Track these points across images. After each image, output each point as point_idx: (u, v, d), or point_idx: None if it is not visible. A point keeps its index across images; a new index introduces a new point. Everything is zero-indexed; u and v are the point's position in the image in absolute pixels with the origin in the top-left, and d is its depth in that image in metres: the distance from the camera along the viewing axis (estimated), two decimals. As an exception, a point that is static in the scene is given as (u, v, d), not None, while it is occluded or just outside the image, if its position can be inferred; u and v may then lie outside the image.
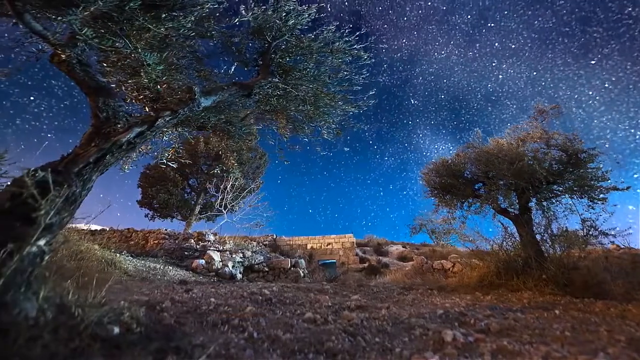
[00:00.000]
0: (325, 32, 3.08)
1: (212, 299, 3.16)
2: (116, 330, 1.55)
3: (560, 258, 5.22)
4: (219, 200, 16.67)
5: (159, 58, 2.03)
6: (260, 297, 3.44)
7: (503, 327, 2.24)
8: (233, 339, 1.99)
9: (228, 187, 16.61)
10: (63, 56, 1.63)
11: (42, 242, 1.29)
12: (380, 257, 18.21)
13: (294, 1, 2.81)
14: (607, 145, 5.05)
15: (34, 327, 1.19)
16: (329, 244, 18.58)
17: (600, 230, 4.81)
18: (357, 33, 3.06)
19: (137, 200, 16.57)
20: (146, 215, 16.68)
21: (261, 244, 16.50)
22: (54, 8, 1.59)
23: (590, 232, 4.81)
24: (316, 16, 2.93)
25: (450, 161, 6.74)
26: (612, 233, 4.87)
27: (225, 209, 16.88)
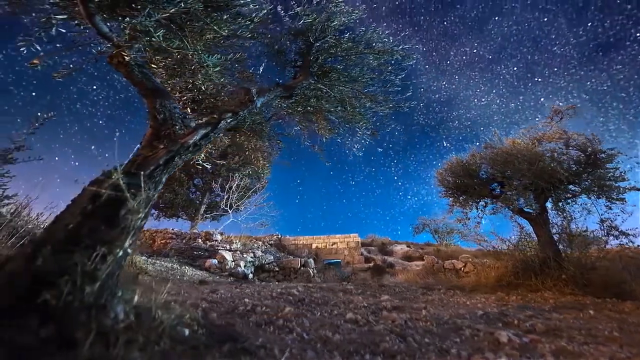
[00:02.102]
0: (369, 32, 3.08)
1: (246, 299, 3.16)
2: (187, 332, 1.56)
3: (578, 258, 5.25)
4: (224, 200, 16.67)
5: (219, 60, 2.03)
6: (291, 298, 3.45)
7: (549, 328, 2.25)
8: (286, 339, 2.00)
9: (233, 186, 16.62)
10: (126, 58, 1.63)
11: (126, 245, 1.29)
12: (385, 257, 18.24)
13: (341, 1, 2.81)
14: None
15: (127, 330, 1.20)
16: (334, 243, 18.61)
17: (621, 231, 4.84)
18: (401, 34, 3.08)
19: (142, 200, 16.49)
20: (151, 215, 16.64)
21: (266, 244, 16.53)
22: (121, 9, 1.59)
23: (611, 232, 4.83)
24: (360, 17, 2.93)
25: (465, 161, 6.76)
26: (632, 233, 4.89)
27: (230, 209, 16.88)
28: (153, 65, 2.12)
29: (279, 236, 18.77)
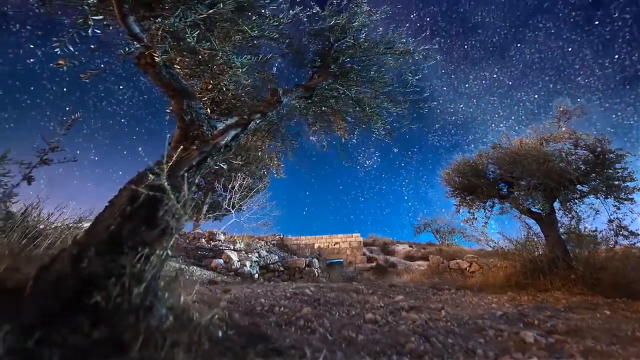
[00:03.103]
0: (389, 33, 3.08)
1: (262, 300, 3.16)
2: (219, 332, 1.56)
3: (586, 258, 5.26)
4: (226, 200, 16.70)
5: (248, 60, 2.03)
6: (306, 298, 3.45)
7: (570, 328, 2.26)
8: (311, 340, 2.01)
9: (236, 186, 16.64)
10: (157, 59, 1.63)
11: (166, 246, 1.30)
12: (388, 257, 18.25)
13: (365, 1, 2.82)
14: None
15: (172, 332, 1.20)
16: (336, 243, 18.60)
17: (631, 231, 4.85)
18: (422, 35, 3.10)
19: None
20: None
21: (269, 244, 16.54)
22: (154, 10, 1.59)
23: (621, 232, 4.85)
24: (383, 16, 2.94)
25: (472, 161, 6.76)
26: (641, 233, 4.90)
27: (233, 209, 16.90)
28: (176, 67, 2.12)
29: (281, 236, 18.76)
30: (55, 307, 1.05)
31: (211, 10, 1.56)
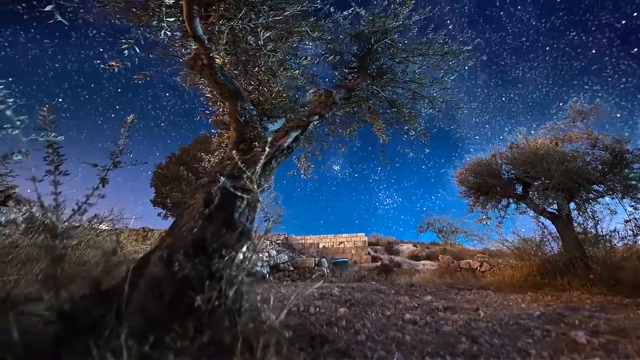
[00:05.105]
0: (430, 33, 3.09)
1: (294, 300, 3.17)
2: (287, 333, 1.56)
3: (604, 258, 5.28)
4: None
5: (308, 62, 2.04)
6: (335, 298, 3.46)
7: (613, 328, 2.27)
8: (360, 340, 2.01)
9: (241, 186, 16.60)
10: (218, 61, 1.62)
11: (244, 249, 1.30)
12: (392, 256, 18.27)
13: (413, 1, 2.82)
14: None
15: (263, 334, 1.20)
16: (340, 242, 18.63)
17: (650, 231, 4.86)
18: (463, 37, 3.11)
19: (150, 200, 16.51)
20: (159, 214, 16.62)
21: (274, 243, 16.53)
22: (214, 11, 1.59)
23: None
24: (425, 16, 2.93)
25: (486, 162, 6.77)
26: (660, 233, 4.91)
27: (238, 208, 16.87)
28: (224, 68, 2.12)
29: (286, 235, 18.77)
30: (156, 311, 1.05)
31: (287, 12, 1.55)
